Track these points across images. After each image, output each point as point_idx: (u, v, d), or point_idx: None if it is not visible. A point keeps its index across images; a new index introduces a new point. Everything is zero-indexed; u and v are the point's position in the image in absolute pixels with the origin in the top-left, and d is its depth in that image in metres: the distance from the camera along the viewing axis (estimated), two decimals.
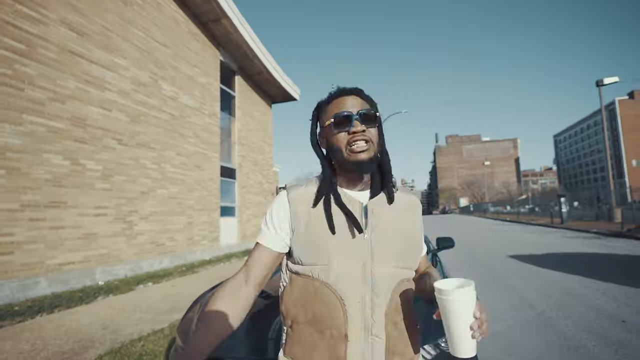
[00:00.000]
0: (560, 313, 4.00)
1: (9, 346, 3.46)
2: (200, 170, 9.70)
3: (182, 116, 9.08)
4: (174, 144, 8.71)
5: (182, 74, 9.18)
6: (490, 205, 54.32)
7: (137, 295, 5.55)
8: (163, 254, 8.16)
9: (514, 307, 4.30)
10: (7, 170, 5.17)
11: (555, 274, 6.19)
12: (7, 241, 5.13)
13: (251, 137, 13.18)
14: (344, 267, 0.88)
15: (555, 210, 22.14)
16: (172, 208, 8.51)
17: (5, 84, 5.21)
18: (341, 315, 0.86)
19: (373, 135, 0.92)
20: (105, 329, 3.87)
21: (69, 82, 6.14)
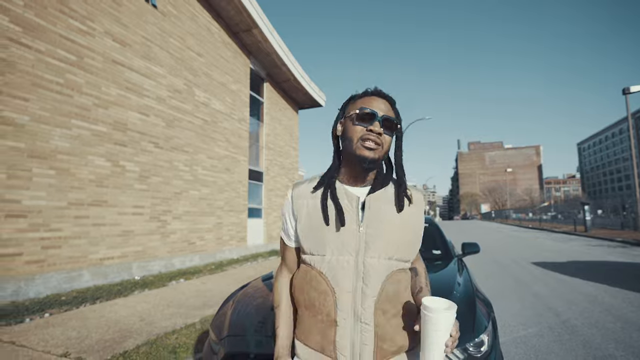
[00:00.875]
0: (585, 321, 3.88)
1: (58, 332, 3.57)
2: (229, 173, 9.79)
3: (213, 121, 9.19)
4: (205, 148, 8.81)
5: (214, 81, 9.31)
6: (512, 211, 52.63)
7: (170, 290, 5.61)
8: (194, 252, 8.25)
9: (538, 314, 4.17)
10: (57, 171, 5.36)
11: (580, 282, 6.02)
12: (56, 236, 5.30)
13: (278, 141, 13.23)
14: (337, 258, 0.92)
15: (578, 217, 21.18)
16: (202, 209, 8.60)
17: (58, 92, 5.42)
18: (331, 303, 0.91)
19: (386, 142, 0.94)
20: (141, 321, 3.92)
21: (111, 89, 6.33)
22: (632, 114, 16.44)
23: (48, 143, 5.25)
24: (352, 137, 0.93)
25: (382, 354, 0.91)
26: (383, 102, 0.96)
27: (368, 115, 0.93)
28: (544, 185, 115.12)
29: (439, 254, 3.25)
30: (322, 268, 0.93)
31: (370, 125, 0.92)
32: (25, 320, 3.95)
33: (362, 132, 0.92)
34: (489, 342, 1.70)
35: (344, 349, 0.90)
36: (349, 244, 0.92)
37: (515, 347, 3.22)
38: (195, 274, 6.96)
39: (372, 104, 0.95)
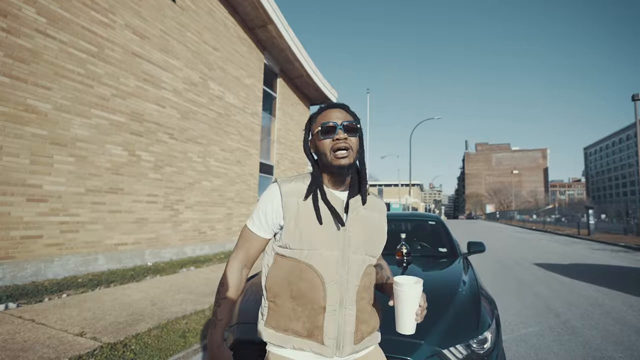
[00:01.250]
0: (585, 323, 3.89)
1: (75, 312, 3.64)
2: (241, 165, 9.82)
3: (227, 114, 9.21)
4: (218, 140, 8.85)
5: (229, 75, 9.31)
6: (516, 212, 52.05)
7: (180, 277, 5.67)
8: (204, 241, 8.32)
9: (539, 315, 4.17)
10: (76, 159, 5.44)
11: (581, 284, 6.01)
12: (74, 221, 5.40)
13: (289, 136, 13.22)
14: (326, 253, 1.02)
15: (582, 221, 20.90)
16: (214, 199, 8.65)
17: (79, 82, 5.48)
18: (321, 292, 1.00)
19: (353, 144, 1.03)
20: (153, 306, 3.98)
21: (129, 80, 6.38)
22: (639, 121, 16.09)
23: (68, 131, 5.33)
24: (325, 150, 1.03)
25: (360, 335, 1.05)
26: (338, 111, 1.06)
27: (330, 127, 1.02)
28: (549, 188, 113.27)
29: (445, 251, 3.23)
30: (312, 261, 1.01)
31: (334, 134, 1.02)
32: (44, 300, 4.05)
33: (331, 143, 1.02)
34: (492, 339, 1.70)
35: (330, 331, 1.01)
36: (336, 241, 1.03)
37: (516, 345, 3.23)
38: (205, 263, 7.02)
39: (330, 116, 1.04)
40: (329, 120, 1.04)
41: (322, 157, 1.05)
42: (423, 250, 3.31)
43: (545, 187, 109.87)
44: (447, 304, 1.88)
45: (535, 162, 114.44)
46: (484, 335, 1.70)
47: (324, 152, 1.04)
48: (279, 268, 1.05)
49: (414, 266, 2.59)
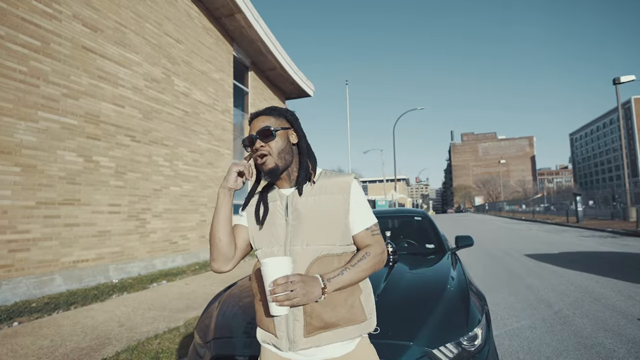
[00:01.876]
0: (577, 312, 4.11)
1: (28, 342, 3.47)
2: (213, 167, 9.70)
3: (195, 112, 9.06)
4: (186, 141, 8.70)
5: (195, 69, 9.16)
6: (505, 203, 53.97)
7: (151, 293, 5.54)
8: (176, 252, 8.18)
9: (531, 306, 4.37)
10: (22, 168, 5.18)
11: (572, 273, 6.30)
12: (24, 238, 5.14)
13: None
14: (270, 249, 1.12)
15: (570, 209, 21.98)
16: (184, 206, 8.52)
17: (22, 81, 5.22)
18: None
19: (272, 147, 1.10)
20: (121, 327, 3.87)
21: (82, 79, 6.14)
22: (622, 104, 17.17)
23: (12, 137, 5.07)
24: (254, 161, 1.14)
25: (310, 329, 1.08)
26: (258, 120, 1.15)
27: (248, 140, 1.12)
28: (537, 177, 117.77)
29: (433, 248, 3.29)
30: (262, 259, 1.09)
31: (252, 146, 1.12)
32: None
33: (252, 152, 1.13)
34: (482, 335, 1.75)
35: (280, 325, 1.09)
36: (278, 236, 1.12)
37: (509, 339, 3.34)
38: (178, 275, 6.90)
39: (252, 127, 1.15)
40: (249, 133, 1.14)
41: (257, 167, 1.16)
42: (410, 248, 3.36)
43: (533, 175, 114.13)
44: (436, 302, 1.91)
45: (522, 151, 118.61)
46: (474, 331, 1.74)
47: (255, 163, 1.14)
48: (254, 269, 1.19)
49: (401, 265, 2.62)
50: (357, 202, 1.14)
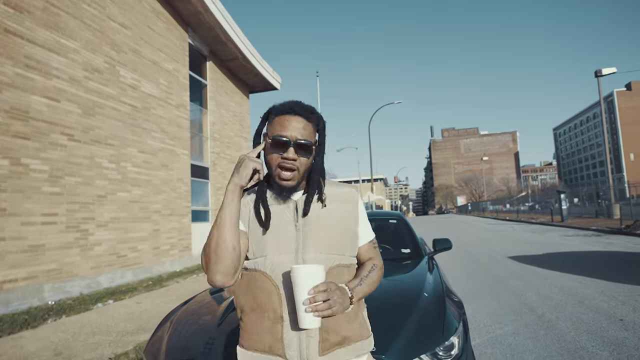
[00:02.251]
0: (560, 315, 4.33)
1: None
2: (167, 169, 9.48)
3: (145, 108, 8.81)
4: (136, 140, 8.45)
5: (144, 59, 8.90)
6: (489, 203, 56.09)
7: (95, 315, 5.34)
8: (125, 266, 7.92)
9: (514, 312, 4.56)
10: None
11: (556, 275, 6.62)
12: None
13: (226, 131, 13.03)
14: (278, 257, 1.10)
15: (555, 207, 23.06)
16: (134, 214, 8.27)
17: None
18: (277, 300, 1.06)
19: (302, 164, 1.10)
20: (57, 356, 3.69)
21: (6, 68, 5.79)
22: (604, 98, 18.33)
23: None
24: (271, 163, 1.11)
25: (327, 346, 1.08)
26: (297, 120, 1.10)
27: (281, 142, 1.08)
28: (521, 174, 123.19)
29: (409, 252, 3.35)
30: (265, 268, 1.10)
31: (284, 152, 1.08)
32: None
33: (277, 158, 1.09)
34: (459, 344, 1.80)
35: (291, 342, 1.05)
36: (288, 244, 1.11)
37: (492, 347, 3.47)
38: (128, 293, 6.72)
39: (286, 126, 1.09)
40: (284, 132, 1.09)
41: (268, 166, 1.13)
42: (385, 253, 3.40)
43: (517, 173, 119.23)
44: (410, 310, 1.95)
45: (505, 147, 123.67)
46: (451, 340, 1.79)
47: (270, 165, 1.12)
48: (242, 281, 1.15)
49: None
50: (363, 214, 1.24)
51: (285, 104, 1.14)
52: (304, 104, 1.15)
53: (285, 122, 1.10)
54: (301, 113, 1.12)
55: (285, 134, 1.09)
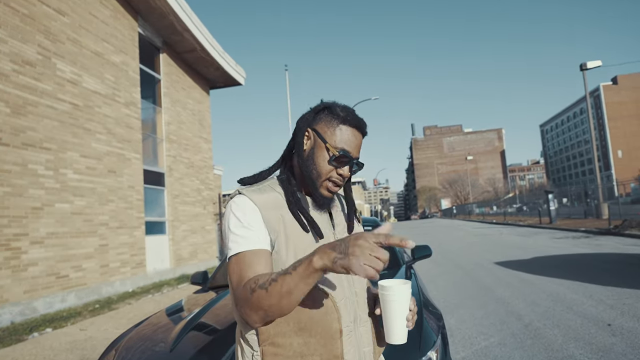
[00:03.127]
0: (547, 322, 4.50)
1: None
2: (115, 176, 9.27)
3: (87, 106, 8.58)
4: (77, 143, 8.21)
5: (85, 50, 8.65)
6: (475, 206, 57.74)
7: (30, 346, 5.16)
8: (67, 288, 7.67)
9: (501, 321, 4.73)
10: None
11: (543, 280, 6.88)
12: None
13: (183, 131, 12.90)
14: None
15: (543, 208, 23.87)
16: (77, 227, 8.04)
17: None
18: (334, 313, 1.07)
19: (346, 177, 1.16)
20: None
21: None
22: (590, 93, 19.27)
23: None
24: (320, 172, 1.11)
25: (378, 352, 1.22)
26: (360, 138, 1.15)
27: (346, 160, 1.11)
28: (508, 174, 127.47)
29: None
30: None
31: (342, 168, 1.12)
32: None
33: (332, 172, 1.12)
34: (438, 359, 1.86)
35: (351, 357, 1.09)
36: None
37: (476, 359, 3.58)
38: (70, 319, 6.54)
39: (353, 142, 1.12)
40: (349, 148, 1.12)
41: (310, 167, 1.12)
42: None
43: (504, 172, 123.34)
44: None
45: (490, 145, 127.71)
46: (428, 355, 1.84)
47: (319, 174, 1.11)
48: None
49: None
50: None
51: (354, 116, 1.14)
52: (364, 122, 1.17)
53: (353, 138, 1.13)
54: (364, 132, 1.17)
55: (351, 151, 1.12)
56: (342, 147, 1.11)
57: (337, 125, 1.12)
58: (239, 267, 0.99)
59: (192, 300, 2.97)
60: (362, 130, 1.16)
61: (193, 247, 12.76)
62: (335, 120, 1.12)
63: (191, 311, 2.52)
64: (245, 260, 0.99)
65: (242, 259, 0.99)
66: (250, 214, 1.04)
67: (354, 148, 1.13)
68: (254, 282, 0.93)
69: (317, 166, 1.12)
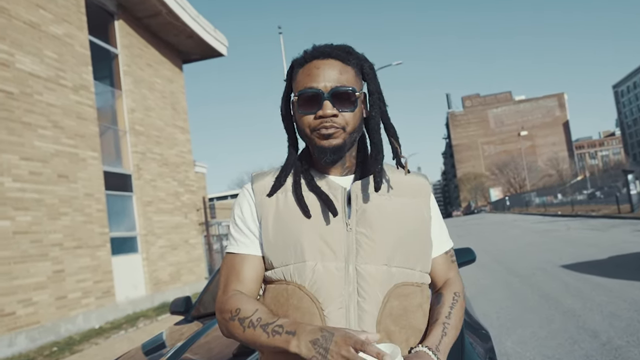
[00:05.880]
0: (631, 339, 4.42)
1: None
2: (68, 181, 9.34)
3: (25, 93, 8.62)
4: (15, 142, 8.26)
5: (16, 20, 8.66)
6: (533, 195, 57.59)
7: None
8: (14, 329, 7.75)
9: (572, 340, 4.69)
10: None
11: (624, 284, 6.86)
12: None
13: (153, 119, 12.96)
14: (322, 265, 1.12)
15: (622, 193, 23.59)
16: (23, 250, 8.12)
17: None
18: (319, 324, 1.07)
19: (348, 121, 1.15)
20: None
21: None
22: None
23: None
24: (304, 129, 1.18)
25: None
26: (329, 64, 1.16)
27: (310, 97, 1.14)
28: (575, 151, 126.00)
29: None
30: (302, 280, 1.12)
31: (319, 109, 1.13)
32: None
33: (313, 121, 1.15)
34: None
35: None
36: (334, 247, 1.14)
37: None
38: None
39: (315, 75, 1.15)
40: (312, 84, 1.14)
41: (302, 135, 1.22)
42: None
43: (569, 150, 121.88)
44: None
45: (550, 115, 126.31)
46: None
47: (304, 132, 1.19)
48: (266, 298, 1.21)
49: None
50: (437, 213, 1.33)
51: (309, 51, 1.20)
52: (336, 44, 1.22)
53: (314, 70, 1.16)
54: (334, 54, 1.17)
55: (313, 85, 1.14)
56: (302, 87, 1.16)
57: (298, 71, 1.20)
58: (227, 269, 1.23)
59: (175, 334, 3.05)
60: (324, 54, 1.17)
61: (174, 267, 12.82)
62: (296, 69, 1.21)
63: (174, 346, 2.60)
64: (234, 264, 1.22)
65: (232, 261, 1.23)
66: (246, 208, 1.24)
67: (322, 79, 1.14)
68: (236, 311, 1.11)
69: (299, 126, 1.20)
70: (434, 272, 1.29)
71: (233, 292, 1.18)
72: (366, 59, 1.24)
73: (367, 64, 1.24)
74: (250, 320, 1.07)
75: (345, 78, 1.16)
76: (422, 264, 1.23)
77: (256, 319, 1.07)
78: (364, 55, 1.24)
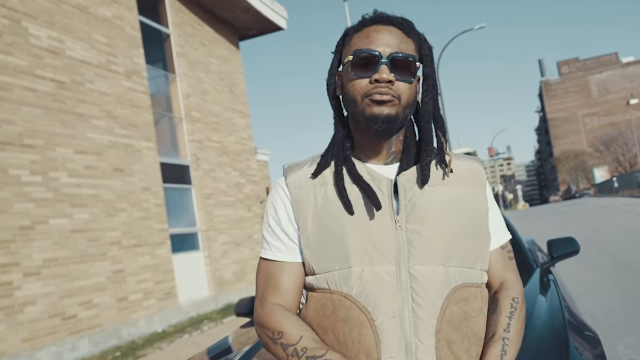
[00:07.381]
0: None
1: None
2: (123, 175, 9.59)
3: (76, 82, 8.88)
4: (69, 135, 8.52)
5: (64, 4, 8.92)
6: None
7: None
8: (76, 332, 8.03)
9: None
10: None
11: None
12: None
13: (209, 104, 13.10)
14: (370, 269, 1.15)
15: None
16: (81, 249, 8.38)
17: None
18: (371, 336, 1.12)
19: (404, 92, 1.18)
20: None
21: None
22: None
23: None
24: (354, 95, 1.19)
25: None
26: (390, 31, 1.19)
27: (368, 58, 1.16)
28: None
29: None
30: (348, 288, 1.14)
31: (374, 73, 1.14)
32: None
33: (366, 86, 1.16)
34: None
35: None
36: (385, 248, 1.15)
37: None
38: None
39: (372, 40, 1.18)
40: (369, 45, 1.17)
41: (350, 105, 1.22)
42: None
43: None
44: None
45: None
46: None
47: (353, 98, 1.19)
48: (308, 307, 1.23)
49: None
50: (493, 201, 1.33)
51: (368, 16, 1.24)
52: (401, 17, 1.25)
53: (373, 34, 1.18)
54: (396, 23, 1.21)
55: (372, 46, 1.16)
56: (356, 48, 1.19)
57: (351, 38, 1.24)
58: (263, 277, 1.27)
59: (241, 338, 3.13)
60: (383, 21, 1.20)
61: (238, 265, 13.01)
62: (350, 36, 1.25)
63: (240, 350, 2.66)
64: (271, 273, 1.26)
65: (268, 269, 1.26)
66: (280, 208, 1.27)
67: (380, 43, 1.16)
68: (279, 335, 1.14)
69: (349, 93, 1.20)
70: (488, 271, 1.28)
71: (272, 306, 1.21)
72: (426, 40, 1.27)
73: (426, 44, 1.26)
74: (294, 349, 1.10)
75: (405, 47, 1.19)
76: (482, 261, 1.24)
77: (301, 348, 1.10)
78: (424, 35, 1.28)
